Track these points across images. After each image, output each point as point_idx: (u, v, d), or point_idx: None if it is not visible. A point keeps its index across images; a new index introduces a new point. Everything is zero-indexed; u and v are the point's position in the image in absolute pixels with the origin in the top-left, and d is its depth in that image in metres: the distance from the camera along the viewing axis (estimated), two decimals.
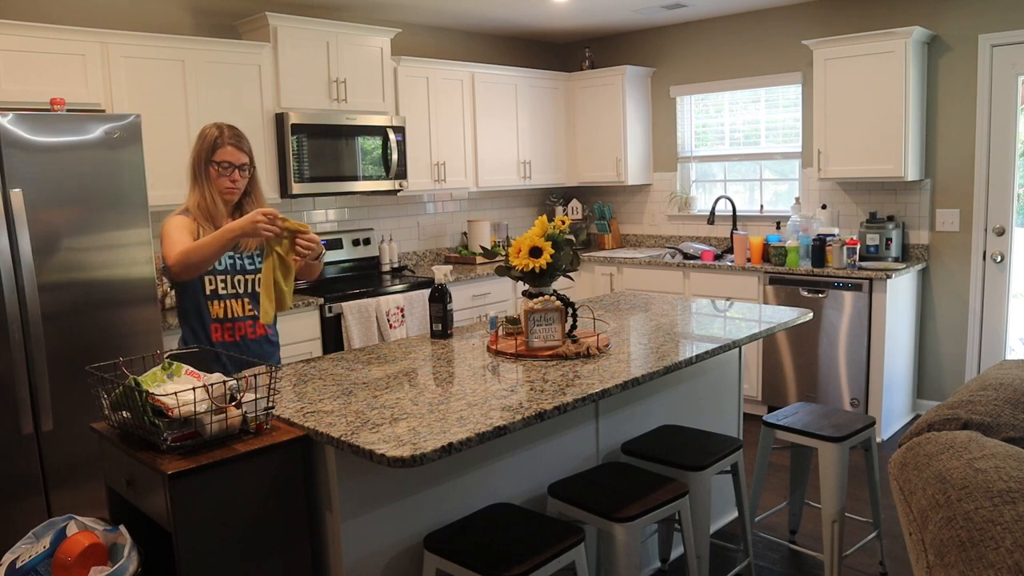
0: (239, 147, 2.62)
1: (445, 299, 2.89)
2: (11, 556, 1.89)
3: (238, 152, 2.61)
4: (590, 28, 5.82)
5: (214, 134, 2.61)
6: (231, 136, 2.62)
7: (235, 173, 2.62)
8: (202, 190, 2.62)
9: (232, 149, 2.60)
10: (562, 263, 2.62)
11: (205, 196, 2.61)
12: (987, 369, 1.58)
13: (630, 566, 2.18)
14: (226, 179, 2.61)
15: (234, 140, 2.62)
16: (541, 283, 2.62)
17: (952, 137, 4.59)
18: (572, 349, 2.53)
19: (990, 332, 4.56)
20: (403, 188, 4.78)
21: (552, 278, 2.62)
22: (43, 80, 3.42)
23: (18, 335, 2.97)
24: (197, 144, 2.63)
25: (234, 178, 2.62)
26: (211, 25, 4.37)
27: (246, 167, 2.65)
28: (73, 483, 3.15)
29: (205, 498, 1.80)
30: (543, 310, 2.55)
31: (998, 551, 1.00)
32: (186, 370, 2.01)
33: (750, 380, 4.91)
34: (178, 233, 2.54)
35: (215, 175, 2.61)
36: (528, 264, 2.56)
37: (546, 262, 2.55)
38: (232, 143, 2.61)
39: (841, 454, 2.78)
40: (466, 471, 2.25)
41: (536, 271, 2.57)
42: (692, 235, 5.82)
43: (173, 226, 2.56)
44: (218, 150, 2.59)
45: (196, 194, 2.63)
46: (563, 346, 2.55)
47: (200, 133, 2.64)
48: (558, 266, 2.60)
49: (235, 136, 2.63)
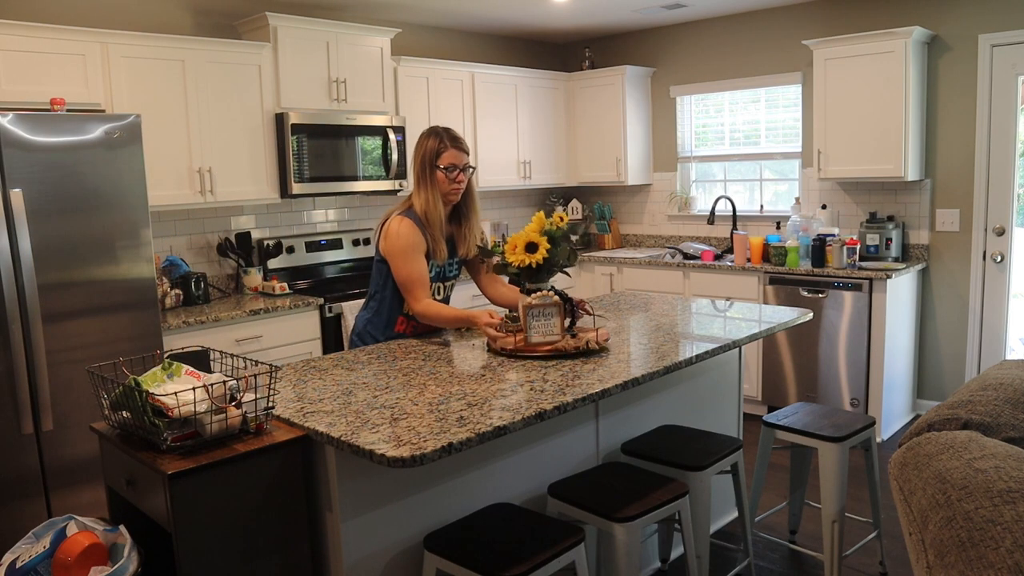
0: (462, 148, 2.79)
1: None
2: (11, 556, 1.89)
3: (461, 154, 2.78)
4: (590, 28, 5.82)
5: (431, 138, 2.77)
6: (453, 139, 2.77)
7: (459, 175, 2.77)
8: (427, 193, 2.76)
9: (456, 152, 2.76)
10: (559, 259, 2.59)
11: (429, 200, 2.75)
12: (987, 369, 1.58)
13: (630, 566, 2.18)
14: (451, 181, 2.76)
15: (456, 143, 2.77)
16: (538, 279, 2.60)
17: (952, 137, 4.59)
18: (572, 344, 2.50)
19: (990, 332, 4.56)
20: (403, 188, 4.78)
21: (550, 274, 2.60)
22: (43, 80, 3.42)
23: (18, 335, 2.97)
24: (419, 148, 2.79)
25: (459, 179, 2.77)
26: (211, 25, 4.37)
27: (468, 167, 2.81)
28: (73, 483, 3.15)
29: (205, 498, 1.80)
30: (541, 305, 2.52)
31: (998, 551, 1.00)
32: (186, 370, 2.01)
33: (750, 380, 4.91)
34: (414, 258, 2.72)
35: (441, 179, 2.75)
36: (524, 260, 2.54)
37: (542, 257, 2.53)
38: (455, 146, 2.76)
39: (841, 454, 2.78)
40: (466, 471, 2.25)
41: (532, 267, 2.56)
42: (692, 235, 5.82)
43: (407, 244, 2.72)
44: (443, 153, 2.74)
45: (421, 197, 2.77)
46: (562, 340, 2.52)
47: (421, 136, 2.80)
48: (555, 262, 2.58)
49: (456, 139, 2.79)
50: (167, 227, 4.18)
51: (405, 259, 2.72)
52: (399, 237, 2.73)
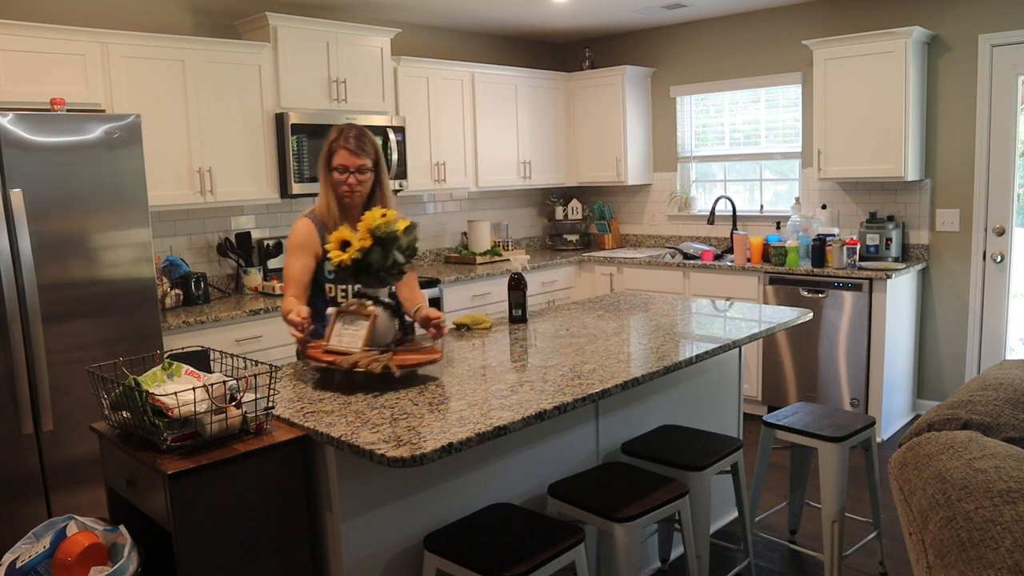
0: (356, 149, 2.57)
1: (522, 287, 3.11)
2: (11, 556, 1.89)
3: (354, 156, 2.57)
4: (590, 28, 5.82)
5: (332, 136, 2.60)
6: (347, 139, 2.58)
7: (351, 177, 2.59)
8: (322, 192, 2.66)
9: (347, 152, 2.57)
10: (376, 263, 2.26)
11: (322, 199, 2.66)
12: (987, 369, 1.58)
13: (630, 566, 2.18)
14: (343, 183, 2.60)
15: (350, 142, 2.57)
16: (369, 283, 2.32)
17: (952, 137, 4.59)
18: (364, 361, 2.18)
19: (990, 332, 4.56)
20: (403, 188, 4.78)
21: (381, 282, 2.32)
22: (43, 80, 3.42)
23: (18, 335, 2.97)
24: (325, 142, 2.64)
25: (350, 182, 2.59)
26: (211, 25, 4.37)
27: (365, 169, 2.61)
28: (73, 483, 3.15)
29: (205, 498, 1.80)
30: (351, 313, 2.28)
31: (998, 551, 1.00)
32: (186, 370, 2.01)
33: (750, 380, 4.91)
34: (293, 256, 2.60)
35: (335, 178, 2.61)
36: (335, 256, 2.30)
37: (351, 258, 2.26)
38: (346, 146, 2.57)
39: (841, 454, 2.78)
40: (466, 471, 2.25)
41: (343, 266, 2.30)
42: (692, 235, 5.82)
43: (291, 242, 2.64)
44: (335, 152, 2.59)
45: (320, 196, 2.68)
46: (357, 355, 2.20)
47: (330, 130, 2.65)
48: (377, 266, 2.26)
49: (354, 138, 2.59)
50: (167, 227, 4.18)
51: (288, 256, 2.65)
52: (290, 235, 2.67)
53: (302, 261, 2.61)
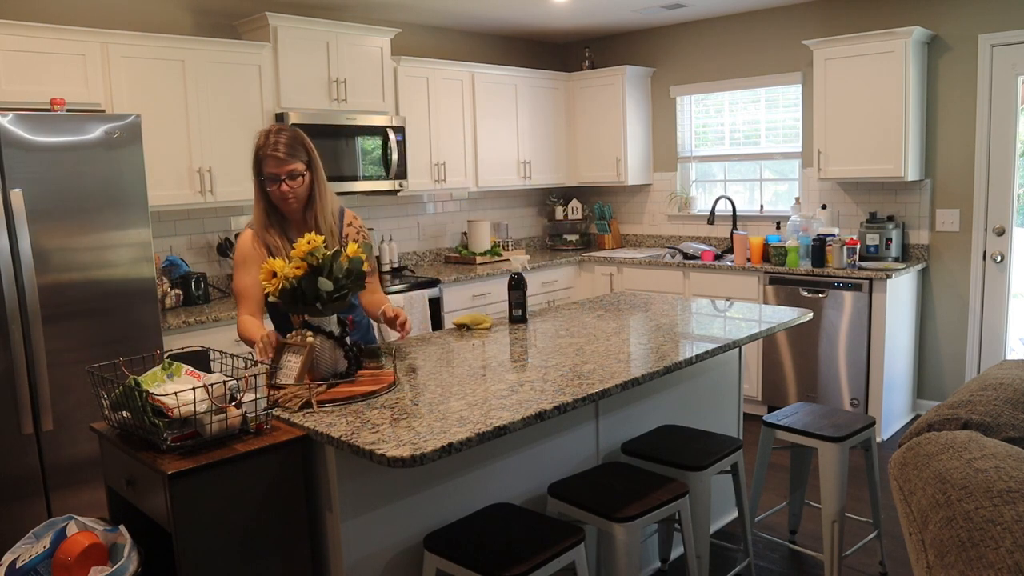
0: (283, 156, 2.41)
1: (522, 287, 3.12)
2: (11, 556, 1.89)
3: (280, 164, 2.41)
4: (590, 28, 5.82)
5: (259, 141, 2.44)
6: (275, 146, 2.41)
7: (283, 185, 2.43)
8: (256, 202, 2.52)
9: (273, 160, 2.41)
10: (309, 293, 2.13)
11: (255, 209, 2.53)
12: (987, 369, 1.58)
13: (630, 566, 2.18)
14: (276, 192, 2.45)
15: (278, 149, 2.41)
16: (311, 312, 2.18)
17: (952, 137, 4.59)
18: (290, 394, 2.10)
19: (990, 332, 4.56)
20: (403, 188, 4.78)
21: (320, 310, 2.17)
22: (43, 80, 3.42)
23: (18, 335, 2.97)
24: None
25: (282, 189, 2.43)
26: (211, 25, 4.37)
27: (297, 174, 2.44)
28: (73, 483, 3.15)
29: (205, 498, 1.80)
30: (292, 344, 2.18)
31: (998, 551, 1.00)
32: (186, 370, 2.01)
33: (750, 380, 4.91)
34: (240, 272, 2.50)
35: (270, 190, 2.45)
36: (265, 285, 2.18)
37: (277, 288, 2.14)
38: (274, 153, 2.40)
39: (841, 454, 2.78)
40: (466, 471, 2.25)
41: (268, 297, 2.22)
42: (692, 235, 5.82)
43: (236, 257, 2.53)
44: (263, 161, 2.43)
45: (254, 206, 2.54)
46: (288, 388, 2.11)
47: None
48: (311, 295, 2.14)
49: (283, 144, 2.42)
50: (167, 227, 4.18)
51: (236, 272, 2.54)
52: (236, 248, 2.56)
53: (252, 275, 2.46)
